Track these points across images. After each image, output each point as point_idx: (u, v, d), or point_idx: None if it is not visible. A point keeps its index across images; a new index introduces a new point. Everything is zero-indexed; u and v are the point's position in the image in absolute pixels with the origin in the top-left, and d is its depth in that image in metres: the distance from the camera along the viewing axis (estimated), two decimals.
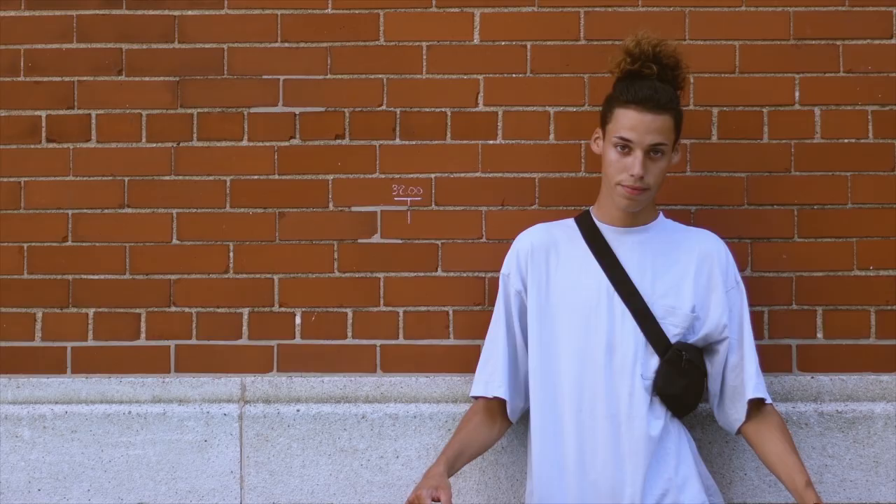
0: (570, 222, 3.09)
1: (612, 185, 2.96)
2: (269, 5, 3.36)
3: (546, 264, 3.05)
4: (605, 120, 2.99)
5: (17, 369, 3.34)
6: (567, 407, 2.98)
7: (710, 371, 3.05)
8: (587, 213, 3.09)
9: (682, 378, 2.98)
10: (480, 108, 3.35)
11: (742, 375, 3.02)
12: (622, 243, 3.02)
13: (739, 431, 3.07)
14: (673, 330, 2.98)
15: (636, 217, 3.03)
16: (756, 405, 3.03)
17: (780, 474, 2.98)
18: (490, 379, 3.07)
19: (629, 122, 2.92)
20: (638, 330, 2.97)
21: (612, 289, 2.99)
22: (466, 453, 3.02)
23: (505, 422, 3.09)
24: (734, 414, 3.05)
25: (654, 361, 2.97)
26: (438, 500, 2.79)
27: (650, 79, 2.94)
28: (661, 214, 3.09)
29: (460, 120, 3.34)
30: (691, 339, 3.01)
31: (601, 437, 2.95)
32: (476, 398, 3.10)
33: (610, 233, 3.03)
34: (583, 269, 3.02)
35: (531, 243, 3.07)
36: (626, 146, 2.92)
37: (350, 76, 3.36)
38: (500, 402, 3.07)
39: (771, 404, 3.05)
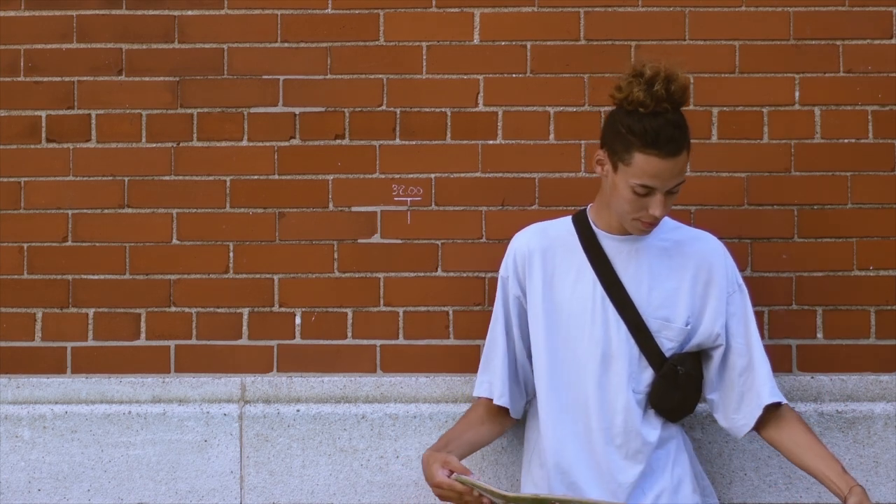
0: (567, 223, 3.04)
1: (626, 218, 2.88)
2: (269, 5, 3.36)
3: (543, 270, 3.00)
4: (617, 153, 2.82)
5: (17, 369, 3.34)
6: (570, 415, 2.96)
7: (705, 376, 3.02)
8: (584, 214, 3.02)
9: (677, 392, 2.95)
10: (480, 108, 3.35)
11: (753, 380, 2.96)
12: (619, 251, 2.97)
13: (758, 433, 3.00)
14: (667, 344, 2.95)
15: None
16: (772, 406, 2.97)
17: (810, 462, 2.90)
18: (492, 384, 3.05)
19: (652, 168, 2.78)
20: (632, 343, 2.93)
21: (607, 300, 2.94)
22: (461, 440, 2.97)
23: (508, 420, 3.08)
24: (741, 420, 2.98)
25: (648, 375, 2.94)
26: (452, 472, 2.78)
27: (665, 115, 2.79)
28: None
29: (460, 120, 3.34)
30: (686, 347, 2.98)
31: (599, 446, 2.93)
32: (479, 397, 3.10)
33: (607, 240, 2.97)
34: (579, 277, 2.98)
35: (528, 247, 3.02)
36: (647, 191, 2.82)
37: (350, 76, 3.36)
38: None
39: (786, 404, 2.99)
